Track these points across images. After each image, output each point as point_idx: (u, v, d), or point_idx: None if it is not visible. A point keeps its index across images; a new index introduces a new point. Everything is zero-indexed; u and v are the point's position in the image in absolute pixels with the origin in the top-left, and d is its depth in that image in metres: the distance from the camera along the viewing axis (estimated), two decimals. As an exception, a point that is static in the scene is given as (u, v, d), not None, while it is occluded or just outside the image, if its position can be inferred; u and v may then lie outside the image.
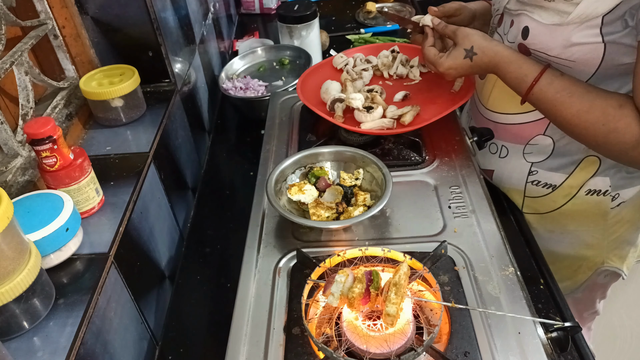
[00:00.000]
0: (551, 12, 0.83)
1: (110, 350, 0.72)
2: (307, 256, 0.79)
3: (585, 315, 1.25)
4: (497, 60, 0.87)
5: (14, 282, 0.58)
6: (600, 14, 0.76)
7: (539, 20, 0.85)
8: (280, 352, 0.69)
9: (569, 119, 0.82)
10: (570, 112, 0.81)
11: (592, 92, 0.80)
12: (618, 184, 0.95)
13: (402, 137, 1.03)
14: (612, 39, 0.77)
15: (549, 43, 0.84)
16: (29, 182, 0.80)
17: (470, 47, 0.89)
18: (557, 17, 0.82)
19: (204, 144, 1.36)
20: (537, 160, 1.00)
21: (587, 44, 0.80)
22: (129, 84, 0.97)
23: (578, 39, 0.80)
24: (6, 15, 0.83)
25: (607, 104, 0.78)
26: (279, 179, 0.91)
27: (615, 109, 0.78)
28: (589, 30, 0.79)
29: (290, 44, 1.52)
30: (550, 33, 0.83)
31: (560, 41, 0.82)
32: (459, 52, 0.90)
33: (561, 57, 0.83)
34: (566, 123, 0.83)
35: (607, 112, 0.78)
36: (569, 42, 0.81)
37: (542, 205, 1.04)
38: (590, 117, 0.79)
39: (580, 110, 0.80)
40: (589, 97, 0.80)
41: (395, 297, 0.64)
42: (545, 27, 0.84)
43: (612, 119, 0.78)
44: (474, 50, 0.88)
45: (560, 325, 0.70)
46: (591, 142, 0.83)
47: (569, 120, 0.82)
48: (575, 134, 0.84)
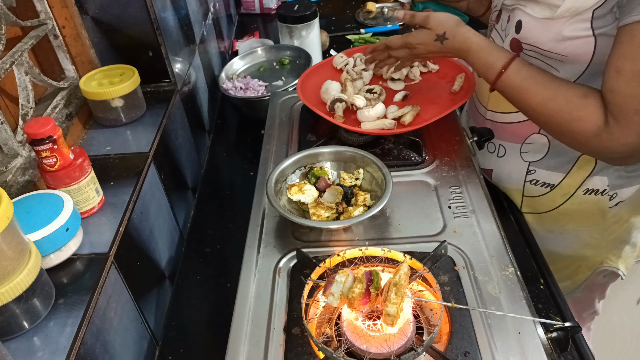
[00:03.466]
0: (543, 6, 0.84)
1: (110, 350, 0.72)
2: (307, 256, 0.79)
3: (584, 315, 1.25)
4: (467, 46, 0.88)
5: (14, 282, 0.58)
6: (589, 7, 0.77)
7: (531, 14, 0.86)
8: (280, 352, 0.69)
9: (534, 107, 0.84)
10: (535, 100, 0.83)
11: (557, 81, 0.82)
12: (616, 183, 0.95)
13: (402, 137, 1.03)
14: (602, 32, 0.78)
15: (541, 37, 0.85)
16: (29, 182, 0.80)
17: (442, 33, 0.90)
18: (548, 11, 0.82)
19: (204, 144, 1.36)
20: (534, 160, 1.00)
21: (579, 37, 0.80)
22: (129, 84, 0.97)
23: (569, 33, 0.81)
24: (6, 15, 0.83)
25: (571, 92, 0.80)
26: (279, 179, 0.91)
27: (580, 97, 0.79)
28: (580, 24, 0.79)
29: (290, 44, 1.52)
30: (543, 27, 0.84)
31: (552, 35, 0.83)
32: (430, 33, 0.92)
33: (553, 51, 0.84)
34: (532, 111, 0.85)
35: (571, 101, 0.79)
36: (561, 36, 0.82)
37: (541, 204, 1.04)
38: (554, 105, 0.81)
39: (545, 98, 0.81)
40: (554, 86, 0.81)
41: (395, 297, 0.64)
42: (538, 21, 0.85)
43: (576, 107, 0.79)
44: (445, 36, 0.90)
45: (560, 325, 0.70)
46: (555, 130, 0.85)
47: (535, 108, 0.84)
48: (540, 122, 0.86)
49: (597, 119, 0.77)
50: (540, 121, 0.86)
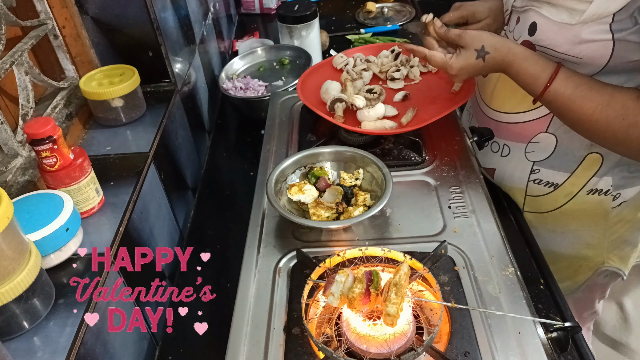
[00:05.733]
0: (560, 9, 0.81)
1: (110, 350, 0.72)
2: (307, 256, 0.79)
3: (584, 315, 1.25)
4: (511, 57, 0.84)
5: (14, 282, 0.58)
6: (611, 12, 0.75)
7: (547, 16, 0.83)
8: (280, 352, 0.69)
9: (588, 115, 0.79)
10: (590, 107, 0.79)
11: (609, 86, 0.79)
12: (619, 183, 0.95)
13: (402, 137, 1.03)
14: (621, 36, 0.77)
15: (558, 39, 0.83)
16: (29, 182, 0.80)
17: (481, 47, 0.86)
18: (567, 15, 0.80)
19: (204, 144, 1.36)
20: (538, 159, 0.99)
21: (597, 41, 0.79)
22: (129, 84, 0.97)
23: (587, 36, 0.79)
24: (6, 15, 0.83)
25: (626, 96, 0.77)
26: (279, 179, 0.91)
27: (635, 101, 0.76)
28: (599, 27, 0.77)
29: (290, 44, 1.52)
30: (559, 29, 0.82)
31: (569, 37, 0.81)
32: (469, 52, 0.87)
33: (569, 53, 0.82)
34: (585, 119, 0.80)
35: (627, 105, 0.76)
36: (579, 39, 0.80)
37: (543, 204, 1.03)
38: (610, 112, 0.77)
39: (600, 104, 0.78)
40: (608, 91, 0.78)
41: (396, 297, 0.64)
42: (554, 23, 0.82)
43: (632, 112, 0.76)
44: (485, 50, 0.85)
45: (560, 325, 0.70)
46: (611, 139, 0.80)
47: (589, 116, 0.79)
48: (593, 130, 0.81)
49: None
50: (594, 129, 0.81)
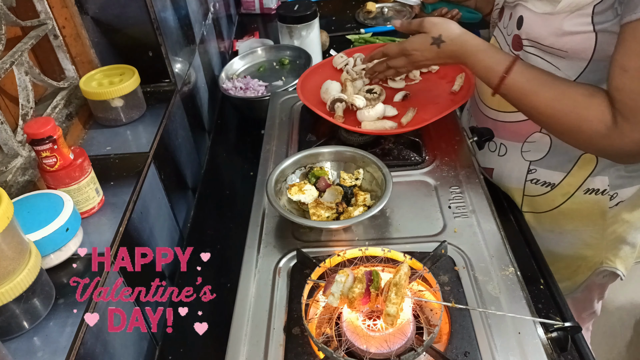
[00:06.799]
0: (544, 1, 0.83)
1: (110, 350, 0.72)
2: (307, 256, 0.79)
3: (583, 315, 1.25)
4: (466, 49, 0.87)
5: (14, 282, 0.58)
6: (589, 2, 0.77)
7: (532, 9, 0.86)
8: (280, 352, 0.69)
9: (539, 109, 0.82)
10: (541, 101, 0.82)
11: (562, 82, 0.81)
12: (616, 183, 0.95)
13: (402, 137, 1.03)
14: (603, 27, 0.78)
15: (542, 32, 0.85)
16: (29, 182, 0.80)
17: (438, 35, 0.89)
18: (549, 6, 0.82)
19: (204, 144, 1.36)
20: (535, 159, 1.00)
21: (579, 33, 0.80)
22: (129, 84, 0.97)
23: (569, 28, 0.80)
24: (6, 15, 0.83)
25: (578, 92, 0.79)
26: (279, 179, 0.91)
27: (586, 97, 0.78)
28: (581, 19, 0.79)
29: (290, 44, 1.52)
30: (543, 22, 0.84)
31: (552, 30, 0.83)
32: (426, 37, 0.90)
33: (554, 46, 0.84)
34: (537, 113, 0.84)
35: (578, 100, 0.79)
36: (561, 31, 0.82)
37: (541, 204, 1.04)
38: (561, 106, 0.80)
39: (551, 98, 0.81)
40: (560, 86, 0.80)
41: (396, 297, 0.64)
42: (539, 16, 0.85)
43: (584, 107, 0.78)
44: (442, 39, 0.89)
45: (560, 325, 0.70)
46: (561, 132, 0.84)
47: (540, 109, 0.82)
48: (545, 123, 0.86)
49: (605, 118, 0.76)
50: (546, 123, 0.85)
